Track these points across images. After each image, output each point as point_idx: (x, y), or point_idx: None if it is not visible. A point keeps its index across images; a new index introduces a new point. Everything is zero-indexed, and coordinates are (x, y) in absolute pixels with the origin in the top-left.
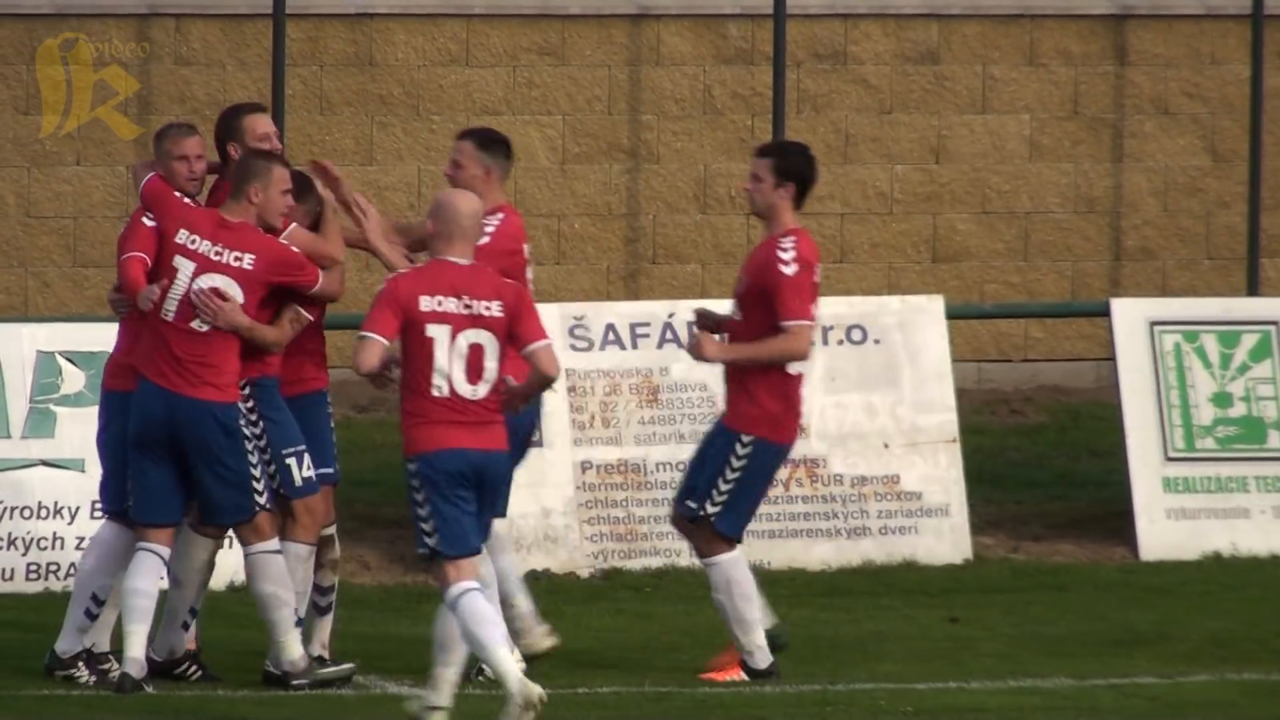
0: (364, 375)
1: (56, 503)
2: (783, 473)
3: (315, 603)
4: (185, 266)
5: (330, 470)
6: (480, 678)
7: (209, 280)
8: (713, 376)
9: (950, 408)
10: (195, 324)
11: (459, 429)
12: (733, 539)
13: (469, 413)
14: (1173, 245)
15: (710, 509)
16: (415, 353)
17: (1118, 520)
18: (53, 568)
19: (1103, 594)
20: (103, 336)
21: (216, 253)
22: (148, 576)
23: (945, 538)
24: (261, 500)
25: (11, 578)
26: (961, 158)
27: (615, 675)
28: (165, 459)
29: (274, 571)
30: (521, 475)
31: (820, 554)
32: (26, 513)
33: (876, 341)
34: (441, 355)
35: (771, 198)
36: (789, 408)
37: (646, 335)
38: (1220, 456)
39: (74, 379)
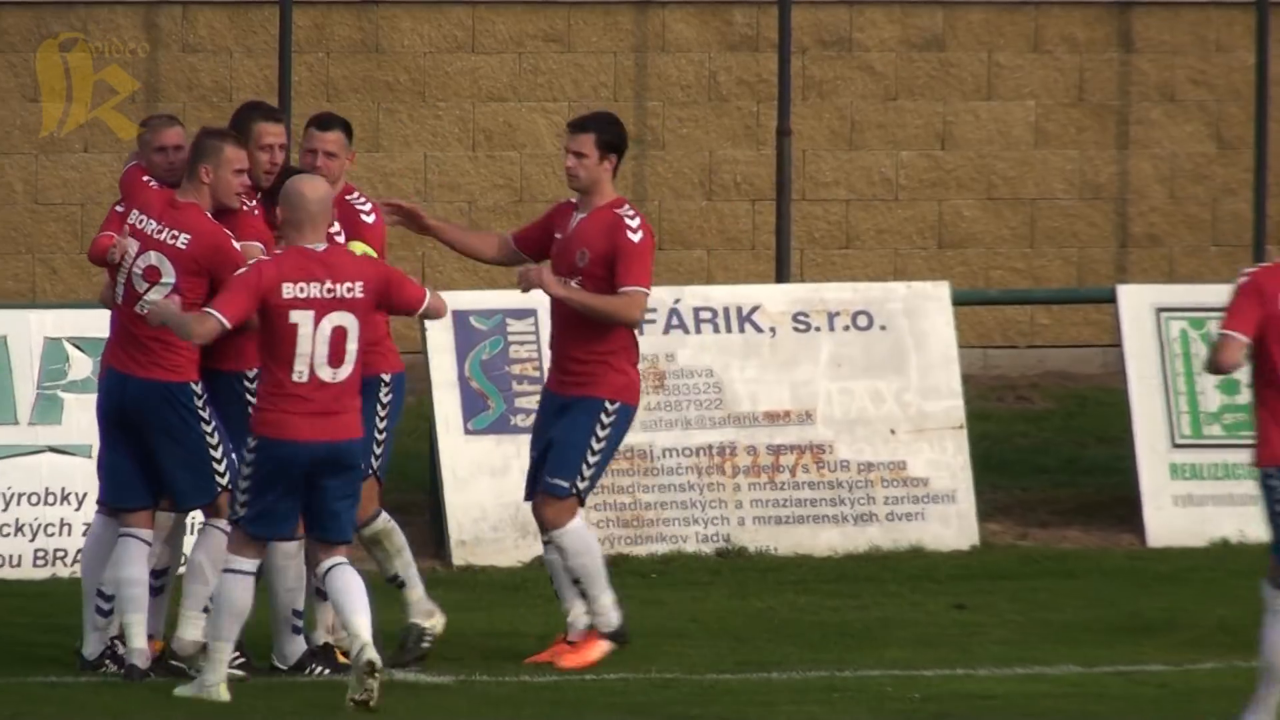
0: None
1: (63, 489)
2: (789, 458)
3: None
4: (131, 246)
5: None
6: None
7: (147, 259)
8: (719, 362)
9: (957, 394)
10: (138, 307)
11: (310, 420)
12: (583, 503)
13: (325, 399)
14: (1179, 232)
15: (581, 484)
16: (277, 338)
17: (1125, 507)
18: (60, 554)
19: (1110, 581)
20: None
21: (158, 230)
22: (134, 564)
23: (952, 524)
24: (223, 481)
25: (19, 564)
26: (967, 144)
27: (621, 661)
28: (127, 441)
29: (213, 546)
30: (528, 461)
31: (827, 540)
32: (34, 499)
33: (883, 327)
34: (304, 341)
35: (596, 172)
36: (638, 372)
37: (652, 321)
38: (1227, 443)
39: (81, 365)
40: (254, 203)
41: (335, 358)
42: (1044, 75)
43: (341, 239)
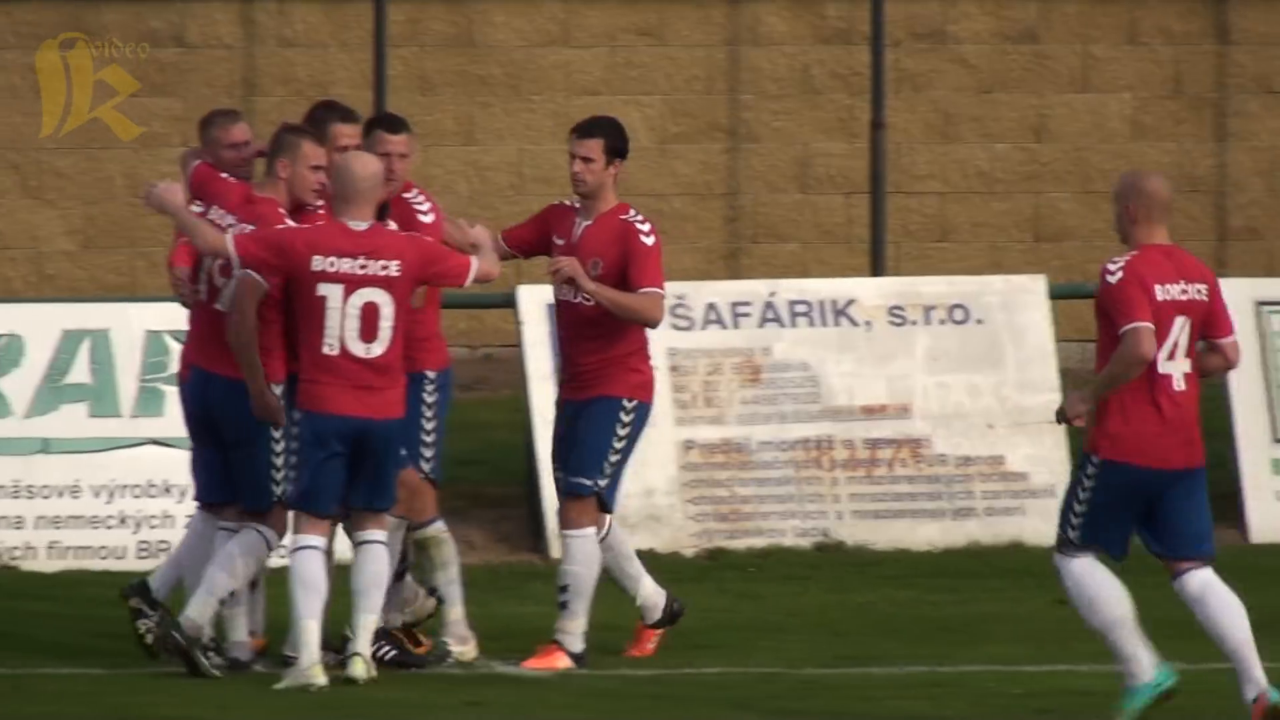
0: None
1: (166, 481)
2: (886, 452)
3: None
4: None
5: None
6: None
7: None
8: (815, 356)
9: (1054, 388)
10: (217, 304)
11: (347, 392)
12: (609, 511)
13: (360, 374)
14: (1278, 225)
15: (601, 482)
16: (307, 310)
17: (1227, 502)
18: (163, 546)
19: None
20: None
21: (229, 225)
22: None
23: (1052, 519)
24: (278, 492)
25: (123, 556)
26: (1063, 136)
27: (720, 655)
28: (208, 438)
29: (251, 546)
30: None
31: (926, 535)
32: (136, 491)
33: (979, 321)
34: (333, 314)
35: (603, 177)
36: (652, 370)
37: (747, 314)
38: None
39: None
40: (322, 205)
41: (367, 333)
42: (1140, 67)
43: None
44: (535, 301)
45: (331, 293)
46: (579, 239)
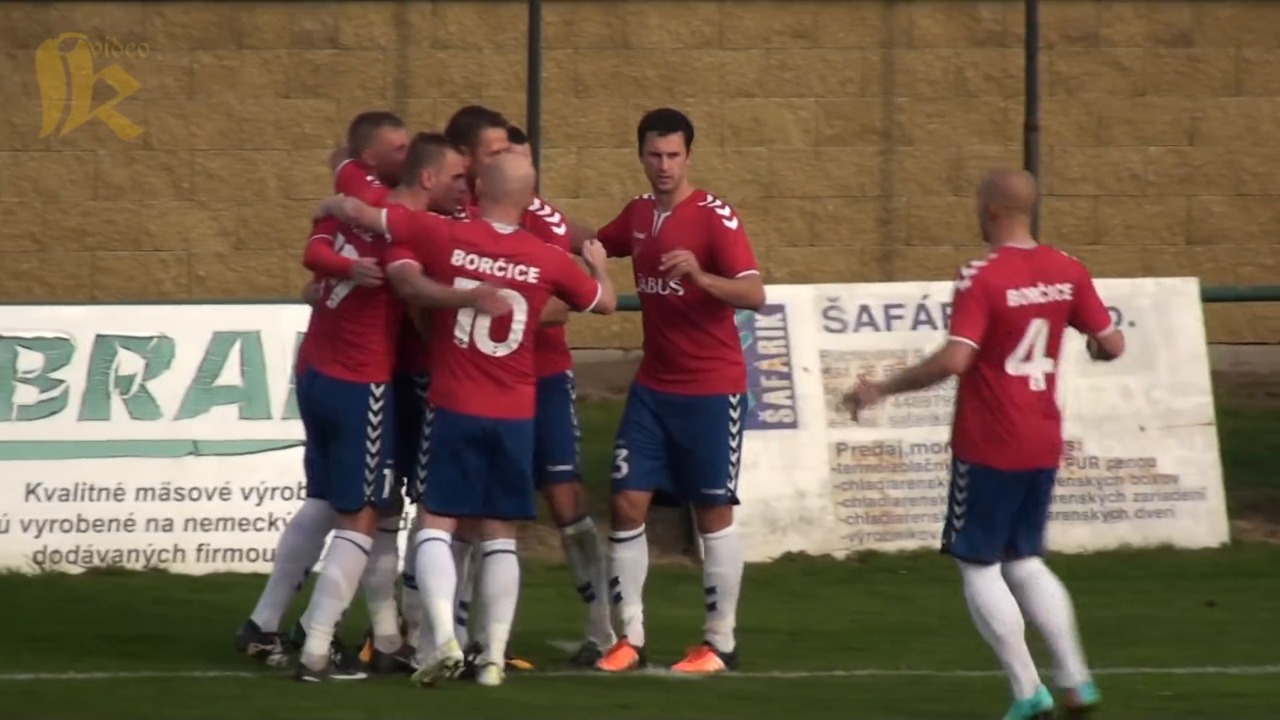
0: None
1: None
2: None
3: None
4: (336, 241)
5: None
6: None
7: (343, 253)
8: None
9: (1206, 390)
10: (329, 301)
11: (479, 389)
12: (737, 503)
13: (490, 370)
14: None
15: (731, 484)
16: None
17: None
18: None
19: None
20: None
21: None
22: (380, 554)
23: (1202, 521)
24: (368, 493)
25: (273, 559)
26: (1216, 140)
27: (871, 658)
28: (316, 436)
29: (348, 562)
30: (776, 457)
31: (1077, 537)
32: (287, 493)
33: (1131, 324)
34: (466, 311)
35: (685, 169)
36: (743, 357)
37: (900, 317)
38: None
39: None
40: (465, 215)
41: (498, 333)
42: None
43: None
44: None
45: (467, 288)
46: (660, 231)
